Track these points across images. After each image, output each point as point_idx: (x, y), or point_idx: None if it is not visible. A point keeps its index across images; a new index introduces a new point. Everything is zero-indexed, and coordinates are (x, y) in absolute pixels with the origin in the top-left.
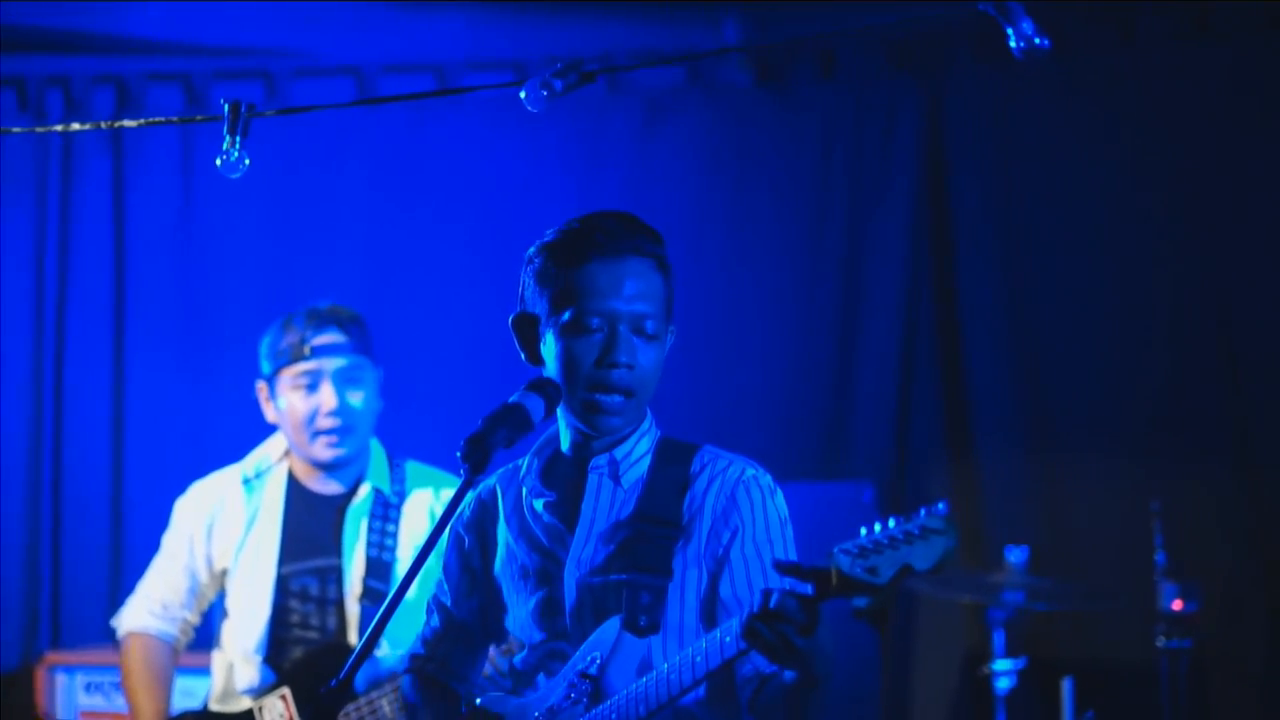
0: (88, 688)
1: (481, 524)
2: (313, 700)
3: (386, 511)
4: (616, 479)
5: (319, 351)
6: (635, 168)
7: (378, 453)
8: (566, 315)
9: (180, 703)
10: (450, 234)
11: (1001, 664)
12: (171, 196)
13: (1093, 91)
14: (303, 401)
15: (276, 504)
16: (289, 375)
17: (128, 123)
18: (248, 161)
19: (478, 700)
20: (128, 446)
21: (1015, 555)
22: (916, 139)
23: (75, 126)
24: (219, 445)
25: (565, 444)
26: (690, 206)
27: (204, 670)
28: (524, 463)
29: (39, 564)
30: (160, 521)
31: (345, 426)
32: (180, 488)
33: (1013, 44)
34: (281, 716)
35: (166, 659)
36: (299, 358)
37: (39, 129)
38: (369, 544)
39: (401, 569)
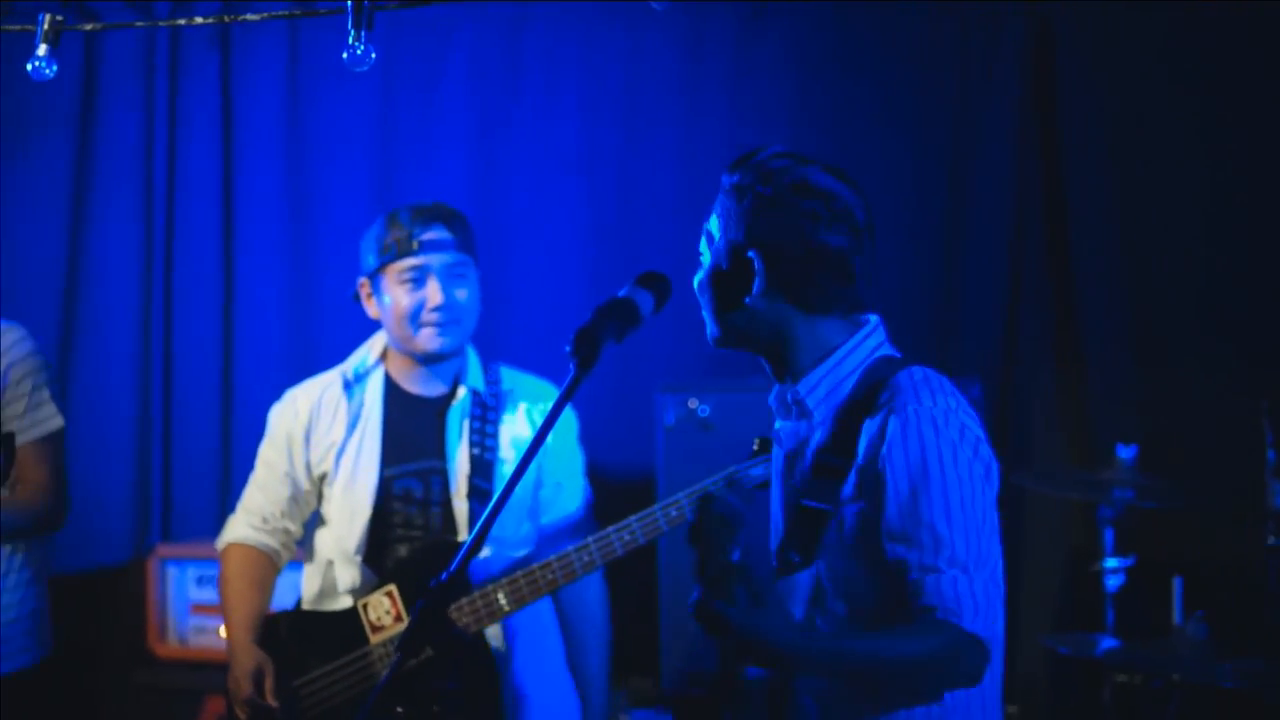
0: (198, 581)
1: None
2: (423, 594)
3: (485, 413)
4: (806, 412)
5: (426, 247)
6: (736, 70)
7: (472, 355)
8: None
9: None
10: (551, 133)
11: (1110, 562)
12: (278, 93)
13: (1198, 18)
14: (408, 296)
15: (376, 407)
16: (395, 270)
17: (249, 17)
18: (373, 55)
19: None
20: (236, 342)
21: (1125, 453)
22: (1025, 43)
23: (183, 21)
24: (324, 343)
25: None
26: (791, 111)
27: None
28: None
29: (150, 457)
30: (266, 416)
31: (451, 320)
32: (286, 383)
33: None
34: (388, 613)
35: (266, 571)
36: (406, 253)
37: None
38: (471, 444)
39: (503, 469)
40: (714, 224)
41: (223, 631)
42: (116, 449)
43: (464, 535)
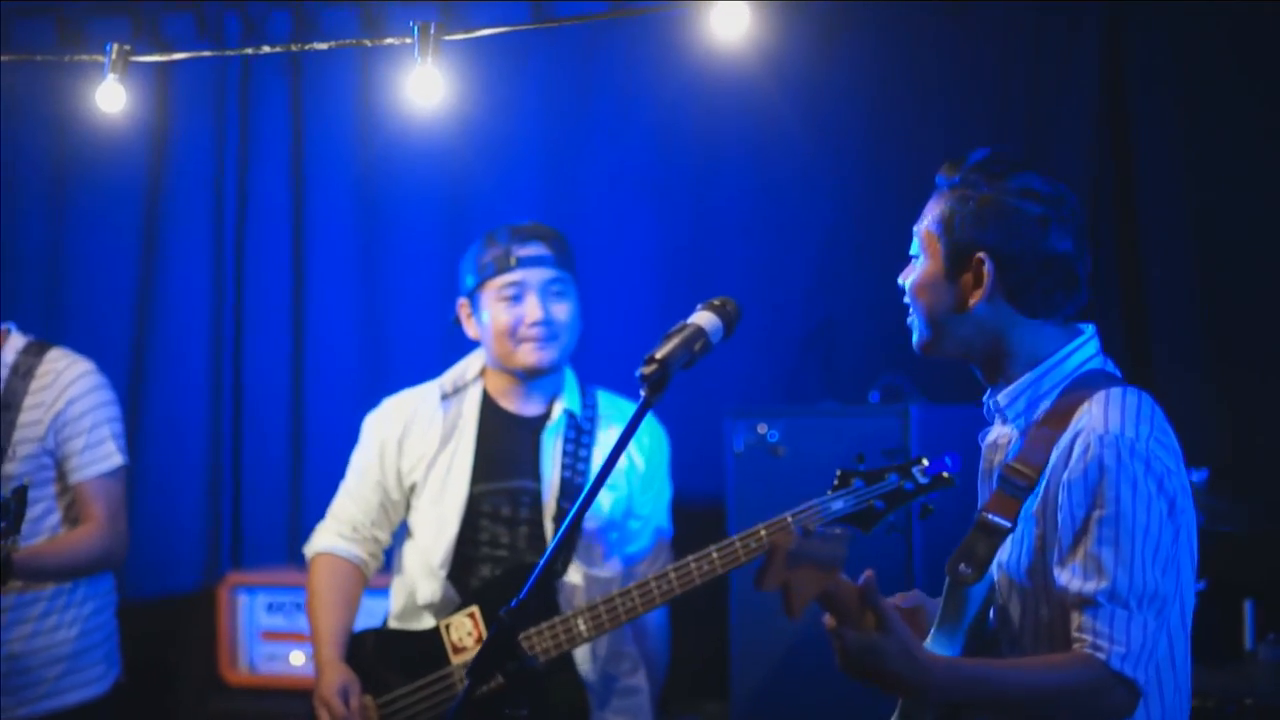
0: (269, 608)
1: None
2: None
3: (579, 435)
4: (1005, 420)
5: (524, 263)
6: (812, 85)
7: (570, 377)
8: None
9: (361, 623)
10: (623, 158)
11: None
12: (348, 120)
13: (1276, 12)
14: (507, 312)
15: (471, 422)
16: (494, 287)
17: (318, 45)
18: (441, 84)
19: None
20: (306, 368)
21: (1194, 476)
22: (1097, 60)
23: (250, 50)
24: (395, 370)
25: None
26: (866, 123)
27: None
28: None
29: (221, 485)
30: (339, 442)
31: (550, 335)
32: (356, 411)
33: None
34: (470, 634)
35: (353, 581)
36: (504, 269)
37: (225, 52)
38: (563, 466)
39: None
40: (932, 225)
41: (294, 659)
42: (188, 476)
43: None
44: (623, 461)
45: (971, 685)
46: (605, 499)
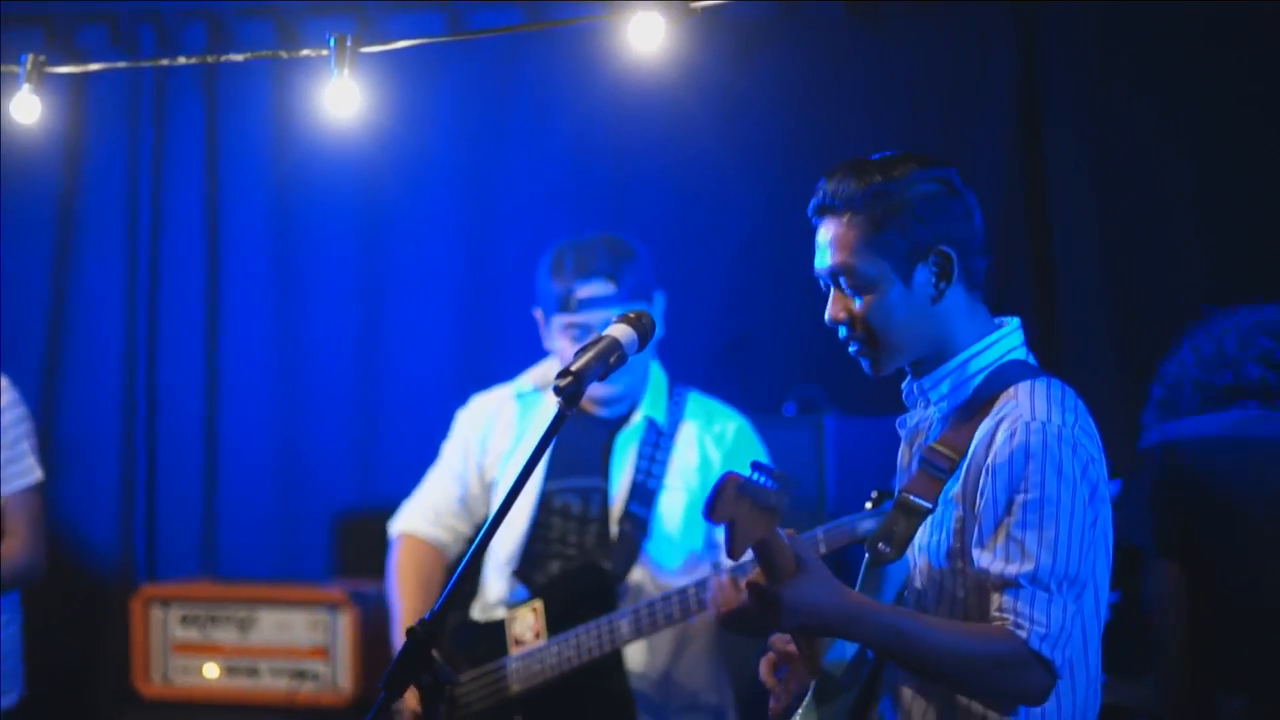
0: (183, 620)
1: None
2: (564, 616)
3: (658, 439)
4: (927, 404)
5: (584, 305)
6: (728, 100)
7: (657, 381)
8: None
9: None
10: (540, 169)
11: None
12: (263, 132)
13: (1184, 20)
14: (571, 347)
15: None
16: (559, 321)
17: (233, 57)
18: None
19: None
20: (221, 381)
21: (1108, 489)
22: (1010, 72)
23: (165, 61)
24: (311, 384)
25: None
26: (783, 136)
27: None
28: None
29: (135, 497)
30: (253, 454)
31: (616, 374)
32: (270, 425)
33: None
34: (530, 629)
35: (434, 565)
36: (566, 309)
37: (140, 64)
38: (636, 469)
39: (666, 497)
40: (861, 247)
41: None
42: (102, 488)
43: (611, 560)
44: (694, 458)
45: (893, 632)
46: (674, 501)
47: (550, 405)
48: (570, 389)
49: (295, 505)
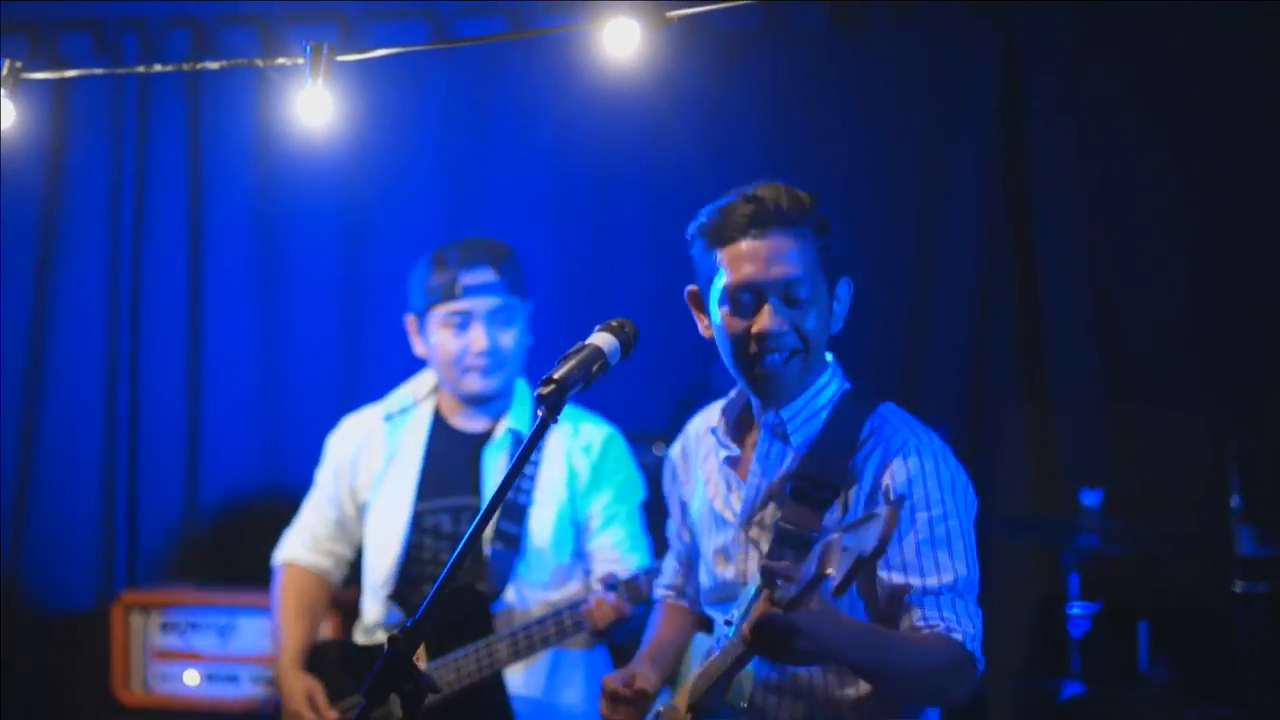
0: (164, 627)
1: (688, 463)
2: (442, 638)
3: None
4: (785, 437)
5: (470, 291)
6: (710, 111)
7: (522, 392)
8: (721, 293)
9: None
10: (523, 179)
11: (1076, 607)
12: (247, 139)
13: (1167, 32)
14: (453, 340)
15: (419, 439)
16: (440, 312)
17: (210, 65)
18: (331, 105)
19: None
20: (203, 387)
21: (1090, 498)
22: (993, 82)
23: (143, 69)
24: (293, 390)
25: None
26: (764, 144)
27: None
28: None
29: (116, 503)
30: (235, 461)
31: (495, 364)
32: (253, 431)
33: None
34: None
35: (317, 592)
36: (450, 296)
37: (119, 70)
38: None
39: (535, 511)
40: (810, 262)
41: (188, 678)
42: (83, 494)
43: (486, 580)
44: (561, 471)
45: (877, 645)
46: (544, 516)
47: (424, 419)
48: (552, 397)
49: (276, 512)
